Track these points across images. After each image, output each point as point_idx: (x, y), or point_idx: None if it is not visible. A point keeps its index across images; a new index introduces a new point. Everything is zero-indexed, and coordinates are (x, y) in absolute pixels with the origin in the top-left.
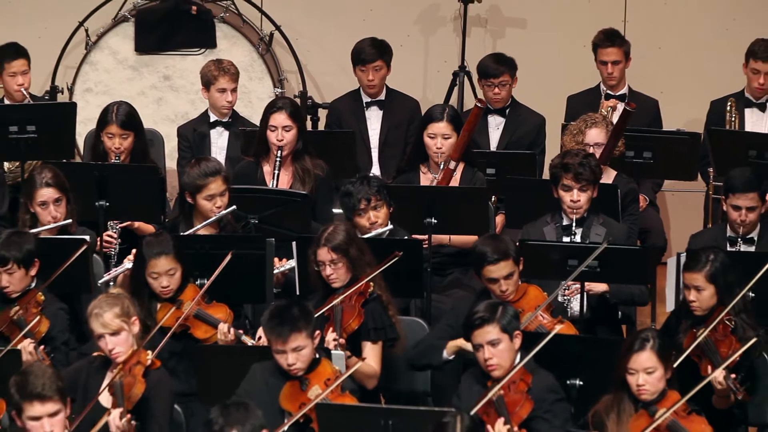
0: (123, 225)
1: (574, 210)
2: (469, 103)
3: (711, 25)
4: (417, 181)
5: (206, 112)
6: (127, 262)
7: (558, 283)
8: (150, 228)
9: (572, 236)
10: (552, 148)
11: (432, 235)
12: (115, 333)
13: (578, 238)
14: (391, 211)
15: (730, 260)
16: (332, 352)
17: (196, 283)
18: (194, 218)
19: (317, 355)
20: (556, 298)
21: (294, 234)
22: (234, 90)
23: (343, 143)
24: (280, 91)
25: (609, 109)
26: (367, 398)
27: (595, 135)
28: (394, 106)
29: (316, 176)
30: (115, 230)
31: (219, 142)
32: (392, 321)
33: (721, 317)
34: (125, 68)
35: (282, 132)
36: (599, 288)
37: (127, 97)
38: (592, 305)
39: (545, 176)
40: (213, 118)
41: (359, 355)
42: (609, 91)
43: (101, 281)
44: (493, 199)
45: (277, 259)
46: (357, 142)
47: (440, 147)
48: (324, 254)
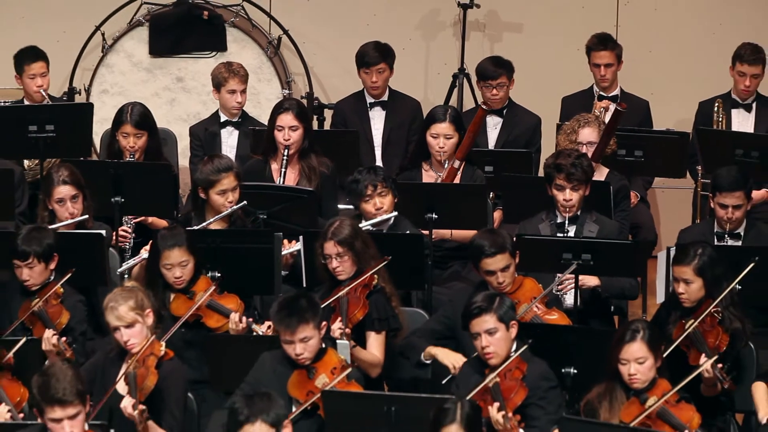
0: (137, 220)
1: (567, 208)
2: (469, 103)
3: (699, 30)
4: (419, 179)
5: (217, 112)
6: (143, 252)
7: (552, 276)
8: (163, 223)
9: (566, 233)
10: (547, 146)
11: (435, 230)
12: (129, 325)
13: (572, 234)
14: (396, 201)
15: (717, 254)
16: (337, 341)
17: (208, 275)
18: (206, 213)
19: (323, 345)
20: (554, 291)
21: (301, 229)
22: (243, 91)
23: (348, 142)
24: (288, 92)
25: (602, 109)
26: (370, 386)
27: (588, 134)
28: (396, 107)
29: (321, 174)
30: (129, 225)
31: (229, 141)
32: (395, 312)
33: (709, 310)
34: (140, 70)
35: (289, 132)
36: (591, 282)
37: (141, 98)
38: (585, 299)
39: (541, 174)
40: (223, 118)
41: (363, 344)
42: (602, 93)
43: (120, 270)
44: (491, 195)
45: (286, 241)
46: (361, 141)
47: (442, 146)
48: (330, 248)
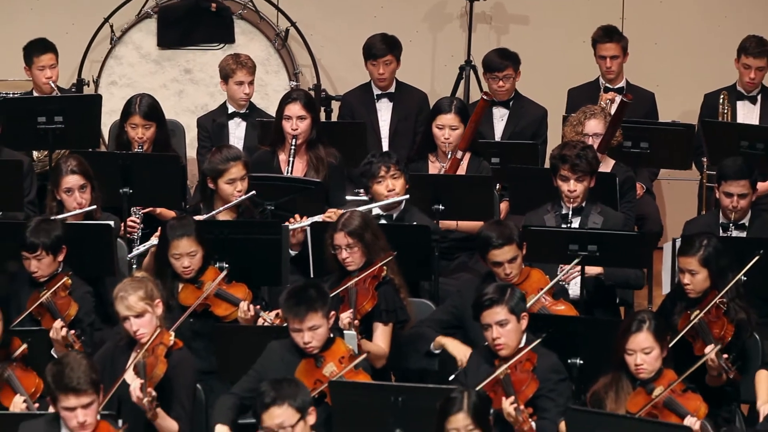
0: (146, 211)
1: (571, 199)
2: (475, 95)
3: (704, 23)
4: (426, 170)
5: (225, 103)
6: (154, 239)
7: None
8: (171, 213)
9: (569, 224)
10: (553, 138)
11: (441, 221)
12: (139, 315)
13: (576, 225)
14: (407, 187)
15: (722, 245)
16: (345, 331)
17: (216, 265)
18: (215, 204)
19: (332, 335)
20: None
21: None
22: (251, 83)
23: (355, 133)
24: (295, 84)
25: (607, 101)
26: (377, 376)
27: (594, 125)
28: (403, 99)
29: (329, 164)
30: (138, 216)
31: (237, 132)
32: (403, 303)
33: (715, 301)
34: (148, 62)
35: (296, 122)
36: (594, 270)
37: (149, 89)
38: (590, 289)
39: (547, 165)
40: (231, 109)
41: (370, 335)
42: (607, 85)
43: (130, 255)
44: (497, 186)
45: (297, 216)
46: (368, 133)
47: (448, 137)
48: (340, 238)
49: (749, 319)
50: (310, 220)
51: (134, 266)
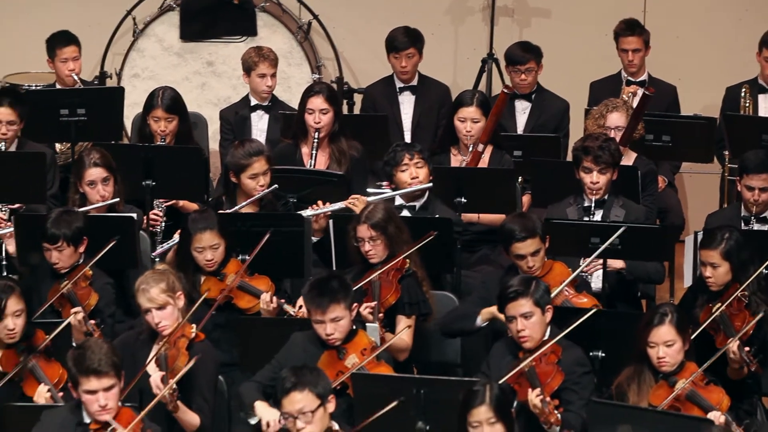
0: (168, 203)
1: (594, 191)
2: (497, 88)
3: (726, 16)
4: (448, 163)
5: (247, 96)
6: (177, 237)
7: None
8: (194, 206)
9: (591, 216)
10: (576, 131)
11: (462, 214)
12: (161, 307)
13: (598, 218)
14: (431, 178)
15: (744, 238)
16: (367, 324)
17: (238, 258)
18: (238, 197)
19: (354, 327)
20: (580, 274)
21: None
22: (273, 75)
23: (377, 126)
24: (318, 76)
25: (630, 94)
26: (399, 368)
27: (616, 119)
28: (425, 91)
29: (351, 157)
30: (160, 208)
31: (259, 125)
32: (426, 296)
33: (736, 294)
34: (170, 55)
35: (319, 115)
36: (616, 264)
37: (172, 82)
38: (611, 283)
39: (569, 158)
40: (254, 102)
41: (393, 328)
42: (630, 78)
43: (154, 254)
44: (519, 179)
45: (320, 201)
46: (390, 126)
47: (470, 130)
48: (363, 231)
49: None
50: (332, 207)
51: (156, 260)
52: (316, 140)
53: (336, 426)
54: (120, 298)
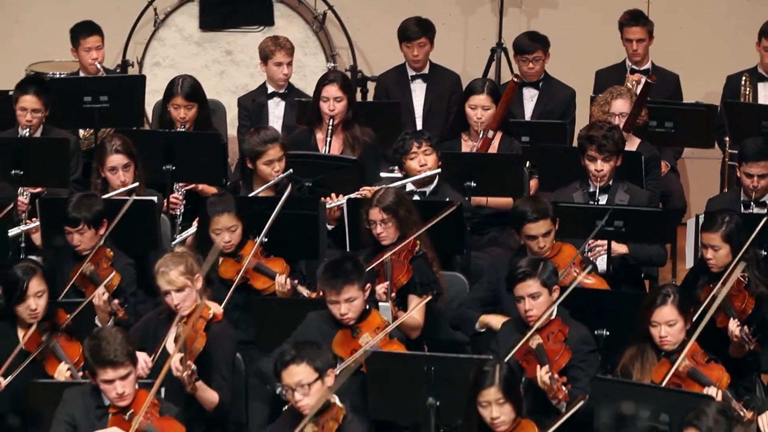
0: (188, 187)
1: (598, 178)
2: (506, 77)
3: (727, 7)
4: (458, 148)
5: (264, 84)
6: (195, 225)
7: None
8: (213, 190)
9: (596, 202)
10: (581, 118)
11: (472, 198)
12: (180, 289)
13: (603, 202)
14: (440, 164)
15: (744, 222)
16: (380, 303)
17: (255, 240)
18: (254, 182)
19: (367, 306)
20: (587, 256)
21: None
22: (289, 64)
23: (390, 113)
24: (333, 65)
25: (634, 82)
26: (411, 347)
27: (620, 105)
28: (437, 80)
29: (364, 143)
30: (180, 192)
31: (276, 112)
32: (436, 276)
33: (735, 273)
34: (190, 44)
35: (333, 102)
36: (620, 250)
37: (191, 70)
38: (615, 265)
39: (575, 144)
40: (270, 89)
41: (405, 308)
42: (634, 67)
43: (174, 243)
44: (527, 164)
45: (333, 194)
46: (402, 113)
47: (480, 117)
48: (375, 214)
49: None
50: (345, 198)
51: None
52: (330, 127)
53: (337, 399)
54: (140, 279)
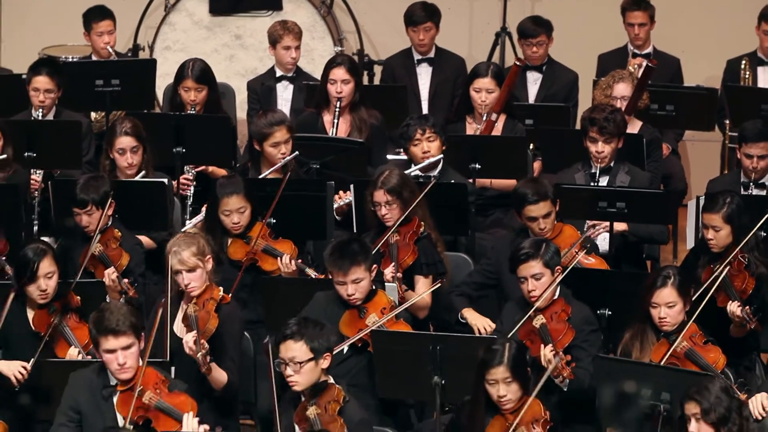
0: (198, 169)
1: (599, 159)
2: (510, 60)
3: None
4: (463, 131)
5: (273, 67)
6: (204, 211)
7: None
8: (222, 172)
9: (596, 182)
10: (584, 101)
11: (476, 179)
12: (191, 270)
13: (604, 183)
14: (444, 148)
15: (744, 203)
16: (386, 284)
17: (263, 221)
18: (262, 164)
19: (374, 287)
20: (589, 236)
21: (351, 177)
22: (297, 48)
23: (396, 96)
24: (340, 49)
25: (635, 66)
26: (417, 326)
27: (622, 89)
28: (442, 63)
29: (371, 125)
30: (191, 174)
31: (284, 95)
32: (441, 257)
33: (735, 253)
34: (200, 28)
35: (341, 85)
36: (619, 226)
37: (201, 54)
38: (617, 245)
39: (578, 127)
40: (279, 73)
41: (411, 288)
42: (635, 51)
43: (185, 229)
44: (531, 146)
45: (342, 191)
46: (408, 96)
47: (484, 100)
48: (380, 196)
49: None
50: (351, 196)
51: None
52: (337, 109)
53: (331, 380)
54: (151, 260)
